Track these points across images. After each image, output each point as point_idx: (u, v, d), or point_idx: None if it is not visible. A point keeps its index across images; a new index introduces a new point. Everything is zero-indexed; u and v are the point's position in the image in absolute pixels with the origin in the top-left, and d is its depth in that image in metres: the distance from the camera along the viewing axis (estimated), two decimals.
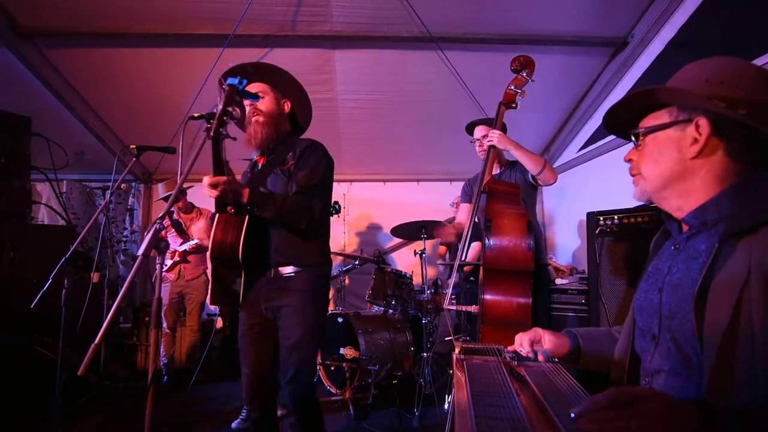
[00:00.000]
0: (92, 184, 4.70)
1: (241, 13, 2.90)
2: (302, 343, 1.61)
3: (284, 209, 1.56)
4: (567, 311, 2.91)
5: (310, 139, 1.79)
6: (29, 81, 3.30)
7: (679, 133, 0.81)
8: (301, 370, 1.61)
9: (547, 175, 2.12)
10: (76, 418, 2.77)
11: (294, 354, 1.61)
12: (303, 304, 1.64)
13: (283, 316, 1.65)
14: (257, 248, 1.65)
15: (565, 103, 3.95)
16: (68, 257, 1.80)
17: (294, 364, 1.60)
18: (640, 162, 0.87)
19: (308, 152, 1.70)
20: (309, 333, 1.63)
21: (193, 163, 1.34)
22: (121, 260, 4.82)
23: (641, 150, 0.87)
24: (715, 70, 0.81)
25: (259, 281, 1.70)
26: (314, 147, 1.73)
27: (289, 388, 1.61)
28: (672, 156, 0.82)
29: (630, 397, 0.57)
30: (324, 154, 1.74)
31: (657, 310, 0.84)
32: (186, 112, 3.58)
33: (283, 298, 1.65)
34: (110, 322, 1.04)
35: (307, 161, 1.68)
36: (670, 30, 2.89)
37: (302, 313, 1.63)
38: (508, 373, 0.90)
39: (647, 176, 0.86)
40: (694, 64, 0.86)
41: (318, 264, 1.72)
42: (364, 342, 3.05)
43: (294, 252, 1.67)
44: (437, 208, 4.31)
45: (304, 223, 1.60)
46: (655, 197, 0.87)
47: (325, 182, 1.73)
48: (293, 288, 1.65)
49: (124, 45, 3.22)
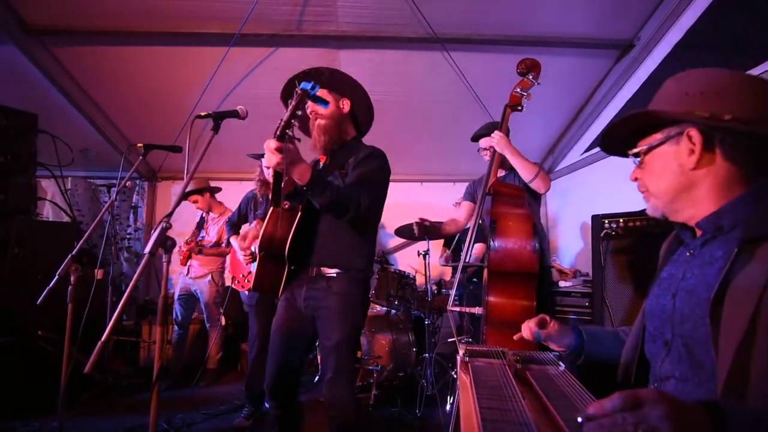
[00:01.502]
0: (97, 181, 4.71)
1: (247, 12, 2.91)
2: (342, 345, 1.61)
3: (337, 197, 1.54)
4: (570, 314, 2.90)
5: (373, 146, 1.79)
6: (36, 78, 3.32)
7: (674, 147, 0.83)
8: (340, 372, 1.61)
9: (539, 183, 2.13)
10: (80, 415, 2.78)
11: (333, 355, 1.61)
12: (344, 307, 1.64)
13: (323, 316, 1.65)
14: (304, 245, 1.67)
15: (569, 105, 3.94)
16: (74, 254, 1.81)
17: (333, 365, 1.61)
18: (645, 180, 0.89)
19: (370, 158, 1.71)
20: (348, 336, 1.64)
21: (199, 163, 1.35)
22: (125, 257, 4.84)
23: (644, 168, 0.89)
24: (694, 83, 0.83)
25: (301, 278, 1.71)
26: (376, 155, 1.73)
27: (327, 387, 1.62)
28: (673, 169, 0.83)
29: (637, 400, 0.56)
30: (383, 163, 1.74)
31: (669, 315, 0.84)
32: (191, 110, 3.59)
33: (324, 298, 1.66)
34: (117, 320, 1.04)
35: (366, 164, 1.69)
36: (678, 32, 2.87)
37: (343, 315, 1.63)
38: (513, 376, 0.89)
39: (655, 192, 0.88)
40: (672, 80, 0.88)
41: (361, 269, 1.72)
42: (366, 342, 3.05)
43: (339, 254, 1.68)
44: (440, 209, 4.30)
45: (350, 214, 1.57)
46: (667, 211, 0.89)
47: (380, 184, 1.71)
48: (335, 290, 1.65)
49: (130, 43, 3.23)
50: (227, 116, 1.48)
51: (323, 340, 1.66)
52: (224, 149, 3.83)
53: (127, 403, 3.10)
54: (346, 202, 1.56)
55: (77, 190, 4.49)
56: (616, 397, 0.57)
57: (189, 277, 3.62)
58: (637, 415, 0.55)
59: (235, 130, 2.61)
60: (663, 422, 0.54)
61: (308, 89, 1.38)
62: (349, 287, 1.66)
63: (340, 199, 1.54)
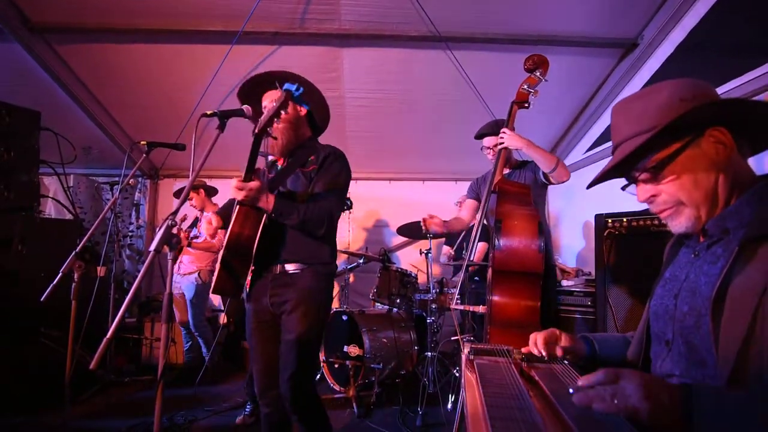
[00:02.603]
0: (99, 178, 4.72)
1: (250, 10, 2.91)
2: (302, 340, 1.61)
3: (306, 217, 1.60)
4: (574, 313, 2.90)
5: (331, 146, 1.82)
6: (39, 75, 3.32)
7: (697, 150, 0.80)
8: (301, 367, 1.61)
9: (561, 172, 2.09)
10: (83, 411, 2.79)
11: (294, 350, 1.61)
12: (306, 301, 1.64)
13: (285, 312, 1.66)
14: (270, 244, 1.66)
15: (572, 104, 3.93)
16: (77, 252, 1.81)
17: (293, 360, 1.60)
18: (676, 193, 0.82)
19: (331, 159, 1.73)
20: (310, 330, 1.63)
21: (205, 160, 1.36)
22: (127, 255, 4.85)
23: (665, 181, 0.83)
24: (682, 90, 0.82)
25: (265, 276, 1.72)
26: (336, 156, 1.77)
27: (289, 384, 1.61)
28: (706, 170, 0.80)
29: (616, 375, 0.68)
30: (345, 164, 1.79)
31: (671, 315, 0.85)
32: (194, 108, 3.59)
33: (286, 293, 1.66)
34: (122, 317, 1.04)
35: (329, 169, 1.72)
36: (681, 32, 2.87)
37: (305, 309, 1.64)
38: (518, 375, 0.90)
39: (693, 201, 0.81)
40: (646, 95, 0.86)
41: (324, 263, 1.73)
42: (368, 340, 3.05)
43: (302, 250, 1.69)
44: (443, 208, 4.28)
45: (323, 229, 1.65)
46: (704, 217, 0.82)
47: (344, 188, 1.79)
48: (297, 285, 1.66)
49: (133, 41, 3.23)
50: (233, 115, 1.48)
51: (284, 335, 1.65)
52: (227, 146, 3.83)
53: (130, 400, 3.10)
54: (318, 220, 1.62)
55: (79, 188, 4.49)
56: (600, 372, 0.69)
57: (178, 273, 3.60)
58: (615, 388, 0.66)
59: (238, 127, 2.61)
60: (634, 392, 0.64)
61: (293, 90, 1.37)
62: (312, 281, 1.67)
63: (310, 218, 1.60)
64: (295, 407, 1.62)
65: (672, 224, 0.86)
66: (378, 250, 3.76)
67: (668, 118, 0.78)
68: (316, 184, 1.70)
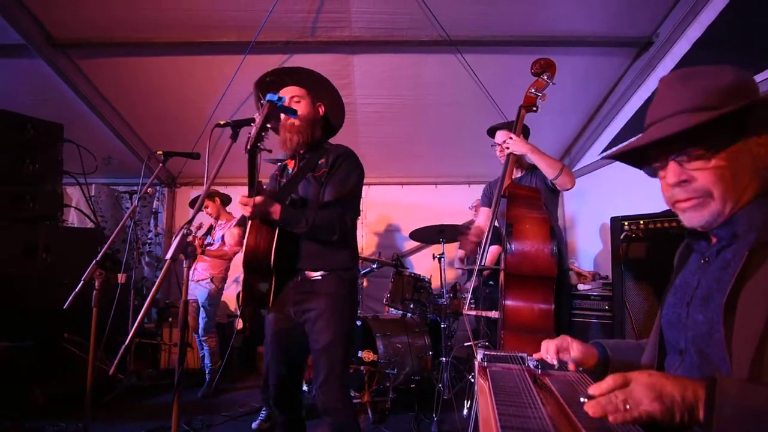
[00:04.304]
0: (119, 187, 4.85)
1: (262, 20, 2.96)
2: (331, 346, 1.61)
3: (316, 224, 1.59)
4: (590, 317, 2.84)
5: (342, 146, 1.79)
6: (61, 89, 3.44)
7: (743, 147, 0.76)
8: (331, 373, 1.60)
9: (564, 179, 2.07)
10: (103, 416, 2.85)
11: (323, 358, 1.61)
12: (331, 308, 1.64)
13: (311, 319, 1.66)
14: (288, 254, 1.67)
15: (586, 105, 3.88)
16: (98, 260, 1.86)
17: (324, 367, 1.61)
18: (711, 183, 0.76)
19: (341, 161, 1.70)
20: (338, 336, 1.63)
21: (219, 169, 1.38)
22: (146, 262, 4.96)
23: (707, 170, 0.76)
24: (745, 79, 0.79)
25: (288, 285, 1.71)
26: (346, 155, 1.73)
27: (320, 391, 1.61)
28: (746, 169, 0.76)
29: (626, 379, 0.66)
30: (356, 164, 1.75)
31: (684, 324, 0.83)
32: (209, 117, 3.67)
33: (311, 301, 1.66)
34: (139, 325, 1.07)
35: (339, 171, 1.69)
36: (698, 29, 2.81)
37: (331, 316, 1.63)
38: (532, 382, 0.88)
39: (724, 196, 0.76)
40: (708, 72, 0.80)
41: (346, 268, 1.72)
42: (382, 345, 3.05)
43: (323, 256, 1.68)
44: (455, 212, 4.28)
45: (336, 235, 1.63)
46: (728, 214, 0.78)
47: (356, 193, 1.74)
48: (321, 291, 1.66)
49: (150, 54, 3.32)
50: (245, 124, 1.51)
51: (312, 343, 1.65)
52: (241, 155, 3.90)
53: (149, 405, 3.16)
54: (328, 226, 1.61)
55: (100, 197, 4.62)
56: (609, 379, 0.67)
57: (192, 281, 3.65)
58: (625, 392, 0.64)
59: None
60: (644, 395, 0.63)
61: (275, 101, 1.36)
62: (335, 287, 1.67)
63: (320, 226, 1.59)
64: (326, 411, 1.62)
65: (690, 215, 0.80)
66: (391, 255, 3.76)
67: (731, 103, 0.73)
68: (326, 188, 1.68)
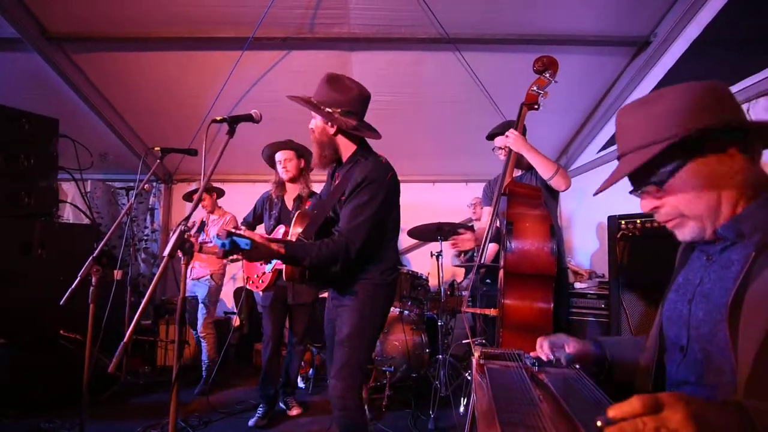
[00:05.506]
0: (115, 183, 4.82)
1: (260, 16, 2.95)
2: (349, 341, 1.62)
3: (319, 259, 1.54)
4: (587, 316, 2.86)
5: (372, 165, 1.67)
6: (57, 84, 3.41)
7: (701, 164, 0.79)
8: (344, 368, 1.60)
9: (559, 180, 2.08)
10: (100, 412, 2.84)
11: (340, 350, 1.62)
12: (360, 305, 1.65)
13: (340, 315, 1.70)
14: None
15: (584, 104, 3.88)
16: (95, 256, 1.85)
17: (339, 360, 1.61)
18: (677, 206, 0.82)
19: (364, 185, 1.61)
20: (358, 332, 1.63)
21: (216, 165, 1.38)
22: (142, 258, 4.94)
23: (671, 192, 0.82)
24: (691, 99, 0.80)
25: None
26: (371, 181, 1.62)
27: (331, 385, 1.61)
28: (710, 182, 0.79)
29: (657, 403, 0.55)
30: (378, 190, 1.63)
31: (686, 321, 0.83)
32: (206, 113, 3.65)
33: (344, 298, 1.71)
34: (137, 322, 1.07)
35: (356, 197, 1.61)
36: (696, 28, 2.81)
37: (357, 312, 1.65)
38: (529, 380, 0.89)
39: (697, 213, 0.81)
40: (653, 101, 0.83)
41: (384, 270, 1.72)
42: (379, 342, 3.05)
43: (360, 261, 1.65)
44: (453, 209, 4.29)
45: (338, 266, 1.59)
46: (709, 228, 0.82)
47: (371, 216, 1.62)
48: (355, 290, 1.68)
49: (146, 49, 3.30)
50: (242, 120, 1.50)
51: (336, 336, 1.68)
52: (238, 151, 3.88)
53: (146, 402, 3.16)
54: (331, 260, 1.57)
55: (96, 193, 4.60)
56: (635, 400, 0.55)
57: (190, 279, 3.64)
58: (658, 419, 0.53)
59: (249, 132, 2.65)
60: (684, 425, 0.53)
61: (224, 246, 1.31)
62: (370, 290, 1.68)
63: (322, 259, 1.55)
64: (333, 404, 1.63)
65: (678, 234, 0.86)
66: None
67: (677, 129, 0.77)
68: (343, 212, 1.65)
